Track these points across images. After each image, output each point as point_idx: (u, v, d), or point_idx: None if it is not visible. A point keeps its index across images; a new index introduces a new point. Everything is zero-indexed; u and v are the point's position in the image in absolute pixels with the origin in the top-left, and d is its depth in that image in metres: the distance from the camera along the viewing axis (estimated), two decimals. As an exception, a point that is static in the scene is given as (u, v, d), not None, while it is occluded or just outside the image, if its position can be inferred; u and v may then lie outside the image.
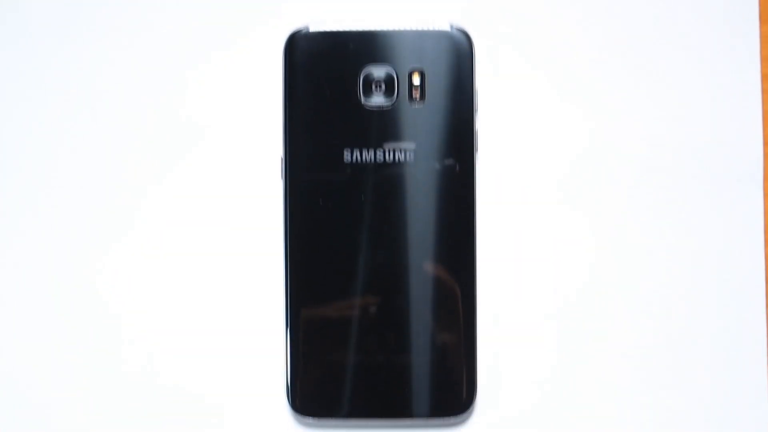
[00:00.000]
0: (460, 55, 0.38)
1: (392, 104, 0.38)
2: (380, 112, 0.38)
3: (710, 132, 0.40)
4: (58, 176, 0.40)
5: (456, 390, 0.38)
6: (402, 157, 0.38)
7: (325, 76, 0.38)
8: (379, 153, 0.38)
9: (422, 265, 0.38)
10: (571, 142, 0.40)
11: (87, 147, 0.40)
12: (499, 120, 0.40)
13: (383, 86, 0.38)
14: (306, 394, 0.38)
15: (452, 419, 0.39)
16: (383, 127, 0.38)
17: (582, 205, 0.40)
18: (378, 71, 0.38)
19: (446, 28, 0.38)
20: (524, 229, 0.40)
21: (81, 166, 0.40)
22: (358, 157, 0.38)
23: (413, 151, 0.38)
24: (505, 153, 0.40)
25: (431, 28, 0.38)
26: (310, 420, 0.39)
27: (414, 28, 0.38)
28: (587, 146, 0.40)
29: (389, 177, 0.38)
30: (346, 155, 0.38)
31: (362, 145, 0.38)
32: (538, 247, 0.40)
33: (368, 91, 0.38)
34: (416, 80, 0.38)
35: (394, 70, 0.38)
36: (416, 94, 0.38)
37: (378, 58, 0.38)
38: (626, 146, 0.40)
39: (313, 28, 0.38)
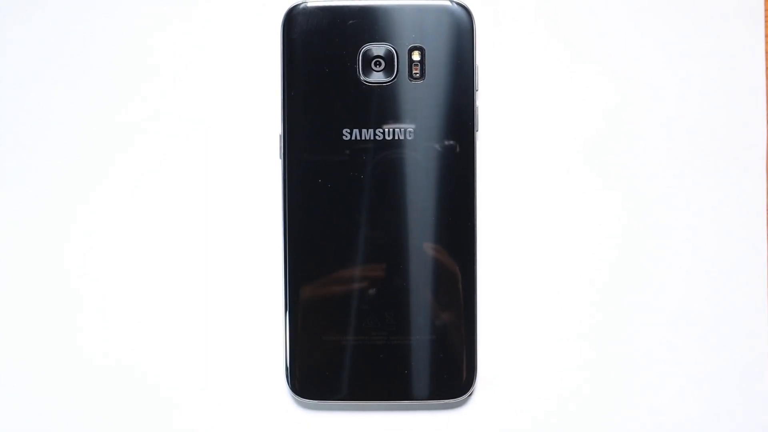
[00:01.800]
0: (460, 31, 0.38)
1: (392, 82, 0.38)
2: (380, 89, 0.38)
3: (721, 106, 0.39)
4: (40, 163, 0.40)
5: (456, 372, 0.38)
6: (401, 136, 0.37)
7: (323, 53, 0.38)
8: (379, 132, 0.37)
9: (422, 246, 0.38)
10: (576, 121, 0.39)
11: (82, 124, 0.40)
12: (502, 98, 0.39)
13: (383, 63, 0.38)
14: (305, 376, 0.38)
15: (452, 401, 0.39)
16: (383, 105, 0.38)
17: (584, 187, 0.39)
18: (377, 48, 0.38)
19: (446, 2, 0.38)
20: (525, 209, 0.39)
21: (68, 147, 0.40)
22: (357, 136, 0.37)
23: (413, 129, 0.37)
24: (507, 132, 0.39)
25: (431, 3, 0.38)
26: (309, 402, 0.39)
27: (413, 3, 0.38)
28: (593, 127, 0.39)
29: (388, 156, 0.37)
30: (345, 134, 0.37)
31: (361, 123, 0.37)
32: (538, 228, 0.39)
33: (367, 69, 0.38)
34: (416, 57, 0.38)
35: (394, 47, 0.38)
36: (416, 71, 0.38)
37: (377, 33, 0.38)
38: (634, 126, 0.39)
39: (312, 2, 0.38)
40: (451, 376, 0.38)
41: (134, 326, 0.40)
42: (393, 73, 0.38)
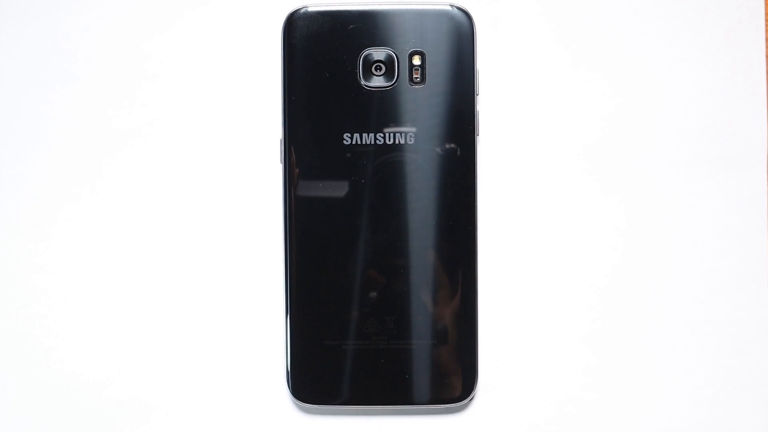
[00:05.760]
0: (460, 35, 0.38)
1: (392, 86, 0.38)
2: (380, 94, 0.38)
3: (722, 110, 0.39)
4: (36, 167, 0.40)
5: (456, 377, 0.38)
6: (402, 140, 0.37)
7: (324, 57, 0.38)
8: (379, 136, 0.37)
9: (423, 250, 0.38)
10: (577, 126, 0.39)
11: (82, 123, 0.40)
12: (502, 102, 0.39)
13: (383, 68, 0.38)
14: (306, 380, 0.38)
15: (453, 406, 0.39)
16: (383, 109, 0.38)
17: (585, 191, 0.39)
18: (378, 53, 0.38)
19: (447, 7, 0.38)
20: (526, 214, 0.39)
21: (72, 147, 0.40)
22: (358, 140, 0.37)
23: (413, 134, 0.37)
24: (508, 136, 0.39)
25: (431, 7, 0.38)
26: (310, 407, 0.39)
27: (414, 7, 0.38)
28: (594, 131, 0.39)
29: (389, 160, 0.37)
30: (346, 138, 0.37)
31: (362, 127, 0.38)
32: (539, 233, 0.39)
33: (368, 73, 0.38)
34: (416, 61, 0.38)
35: (394, 51, 0.38)
36: (417, 75, 0.38)
37: (377, 37, 0.38)
38: (635, 131, 0.39)
39: (312, 7, 0.38)
40: (451, 380, 0.38)
41: (136, 329, 0.39)
42: (393, 77, 0.38)
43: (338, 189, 0.38)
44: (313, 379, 0.38)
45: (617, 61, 0.39)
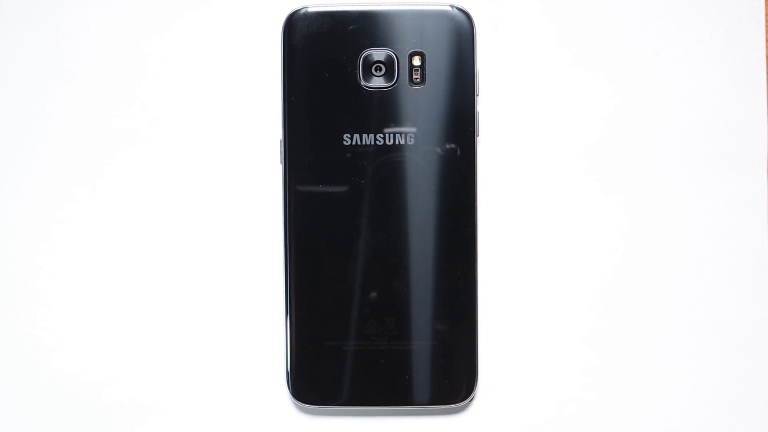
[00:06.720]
0: (460, 36, 0.38)
1: (392, 87, 0.38)
2: (380, 94, 0.38)
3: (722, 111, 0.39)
4: (33, 168, 0.40)
5: (457, 377, 0.38)
6: (402, 141, 0.37)
7: (324, 58, 0.38)
8: (379, 137, 0.37)
9: (423, 251, 0.38)
10: (577, 126, 0.39)
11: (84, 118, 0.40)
12: (502, 103, 0.39)
13: (383, 68, 0.38)
14: (306, 381, 0.38)
15: (453, 407, 0.39)
16: (383, 110, 0.38)
17: (586, 192, 0.39)
18: (378, 53, 0.38)
19: (447, 7, 0.38)
20: (526, 215, 0.39)
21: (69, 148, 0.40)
22: (358, 141, 0.37)
23: (413, 134, 0.37)
24: (508, 137, 0.39)
25: (431, 8, 0.38)
26: (310, 407, 0.39)
27: (414, 8, 0.38)
28: (595, 132, 0.39)
29: (389, 160, 0.37)
30: (346, 139, 0.37)
31: (362, 128, 0.38)
32: (539, 233, 0.39)
33: (368, 74, 0.38)
34: (416, 62, 0.38)
35: (394, 52, 0.38)
36: (416, 76, 0.38)
37: (377, 38, 0.38)
38: (636, 131, 0.39)
39: (312, 7, 0.38)
40: (451, 381, 0.38)
41: (135, 330, 0.39)
42: (393, 78, 0.38)
43: (338, 189, 0.38)
44: (314, 380, 0.38)
45: (618, 61, 0.39)
